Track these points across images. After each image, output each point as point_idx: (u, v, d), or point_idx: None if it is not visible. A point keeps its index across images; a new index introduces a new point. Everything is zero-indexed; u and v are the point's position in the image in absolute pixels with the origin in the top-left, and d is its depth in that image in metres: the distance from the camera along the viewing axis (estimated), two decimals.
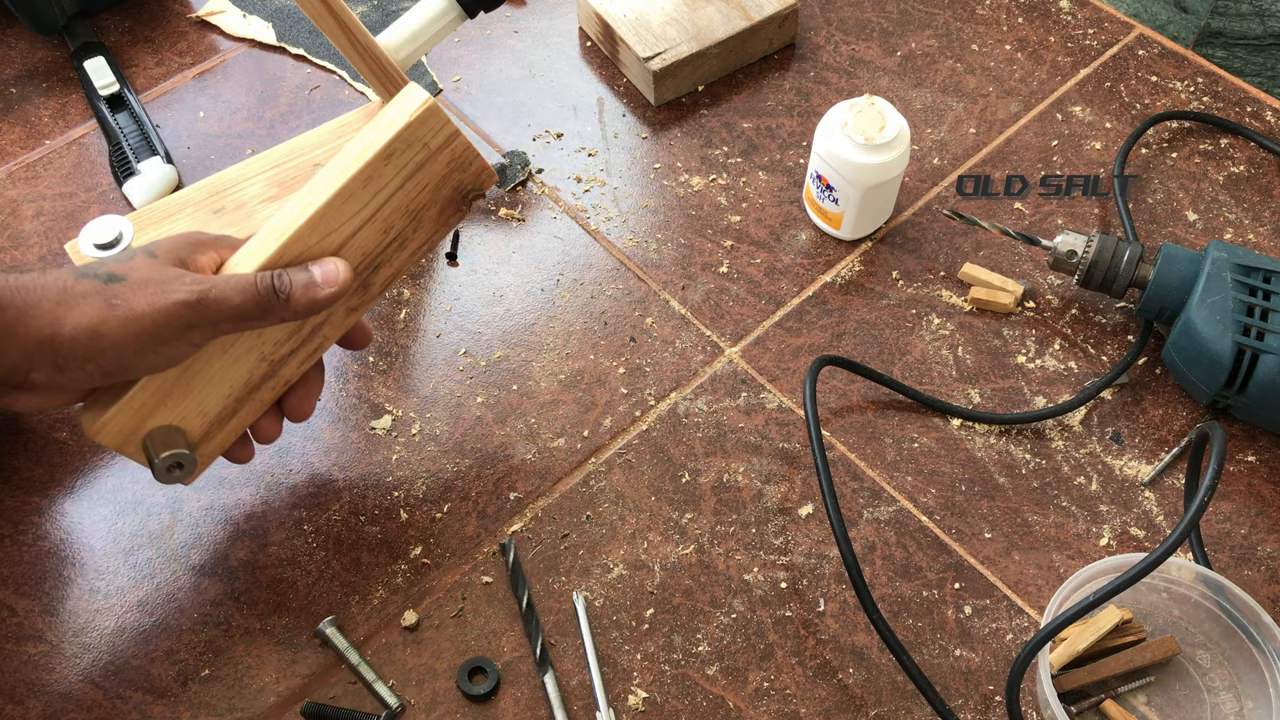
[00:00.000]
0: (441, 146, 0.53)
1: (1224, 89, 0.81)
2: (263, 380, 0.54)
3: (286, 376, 0.55)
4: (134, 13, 0.85)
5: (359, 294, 0.55)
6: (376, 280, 0.56)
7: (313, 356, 0.56)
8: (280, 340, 0.53)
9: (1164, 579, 0.58)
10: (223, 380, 0.52)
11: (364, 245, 0.53)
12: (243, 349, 0.52)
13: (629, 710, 0.55)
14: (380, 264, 0.55)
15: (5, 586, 0.59)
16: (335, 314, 0.55)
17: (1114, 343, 0.69)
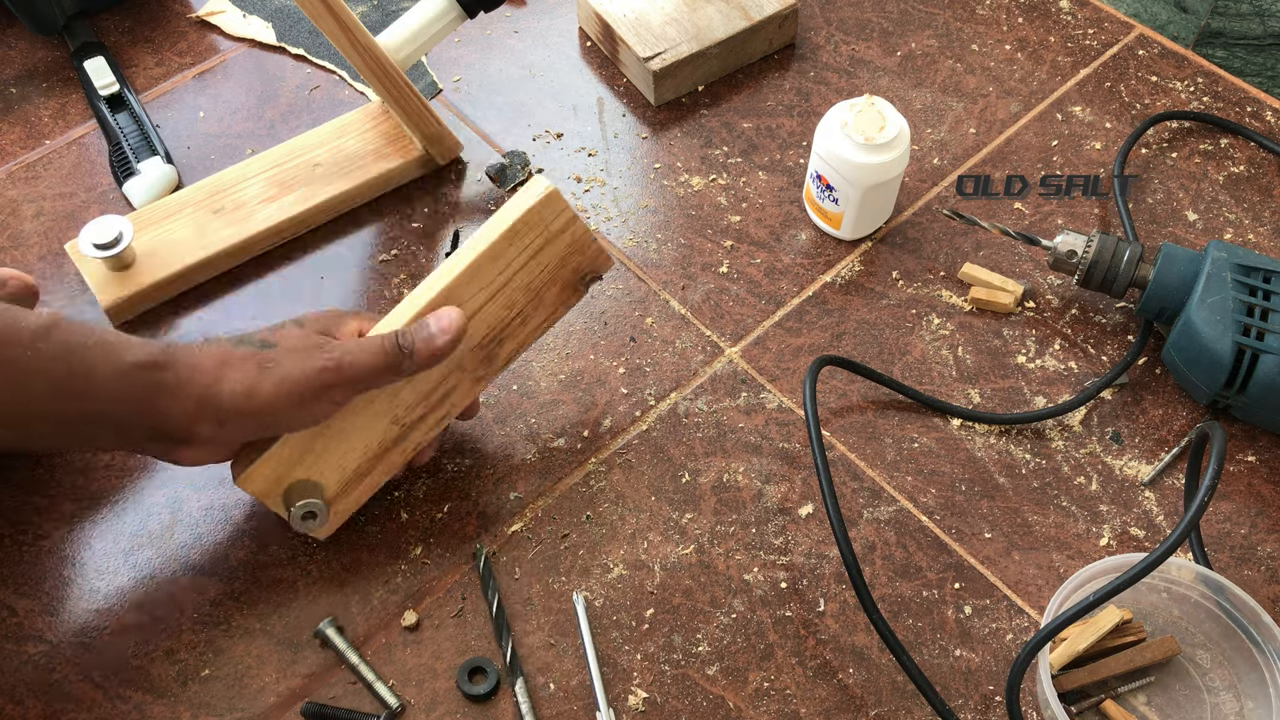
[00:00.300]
0: (561, 230, 0.57)
1: (1224, 89, 0.81)
2: (395, 442, 0.58)
3: (416, 440, 0.59)
4: (134, 13, 0.85)
5: (484, 365, 0.59)
6: (501, 353, 0.59)
7: (441, 423, 0.59)
8: (411, 404, 0.57)
9: (1164, 579, 0.58)
10: (358, 440, 0.56)
11: (489, 319, 0.57)
12: (377, 411, 0.56)
13: (629, 710, 0.55)
14: (504, 338, 0.59)
15: (5, 586, 0.59)
16: (463, 383, 0.58)
17: (1114, 343, 0.69)
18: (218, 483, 0.62)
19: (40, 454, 0.62)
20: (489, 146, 0.78)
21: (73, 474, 0.63)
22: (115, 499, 0.62)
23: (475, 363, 0.58)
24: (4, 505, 0.61)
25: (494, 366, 0.60)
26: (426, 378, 0.57)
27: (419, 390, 0.57)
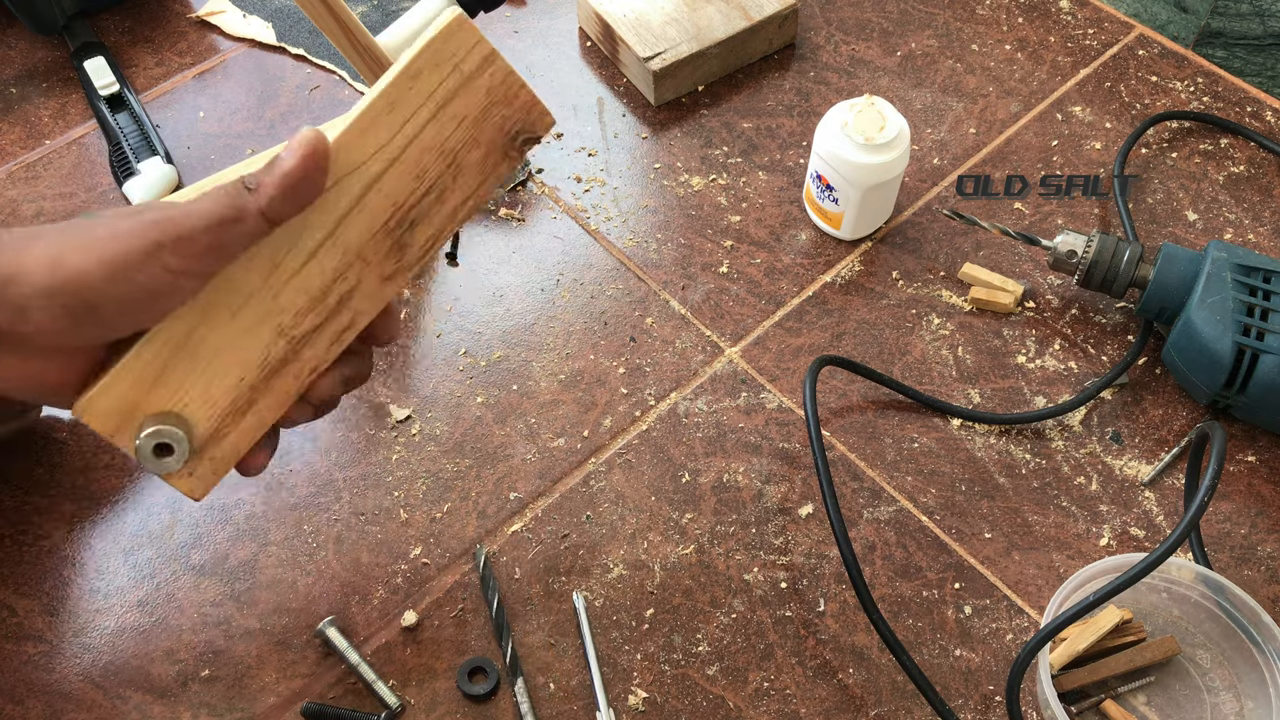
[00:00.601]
0: (476, 71, 0.45)
1: (1224, 89, 0.81)
2: (282, 364, 0.46)
3: (312, 362, 0.47)
4: (134, 13, 0.85)
5: (393, 257, 0.47)
6: (414, 241, 0.47)
7: (342, 337, 0.47)
8: (300, 309, 0.46)
9: (1164, 579, 0.58)
10: (232, 357, 0.45)
11: (393, 193, 0.46)
12: (254, 316, 0.45)
13: (629, 710, 0.55)
14: (416, 220, 0.47)
15: (5, 586, 0.59)
16: (367, 280, 0.47)
17: (1114, 343, 0.69)
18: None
19: None
20: None
21: (73, 474, 0.63)
22: (115, 499, 0.62)
23: (381, 254, 0.46)
24: (4, 505, 0.61)
25: (406, 259, 0.47)
26: (315, 272, 0.45)
27: (307, 288, 0.45)
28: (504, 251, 0.73)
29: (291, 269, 0.45)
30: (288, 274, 0.45)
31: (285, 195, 0.42)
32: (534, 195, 0.75)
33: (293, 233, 0.44)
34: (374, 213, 0.46)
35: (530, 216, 0.74)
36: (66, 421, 0.65)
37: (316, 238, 0.45)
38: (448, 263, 0.72)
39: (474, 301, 0.70)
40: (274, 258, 0.44)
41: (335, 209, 0.45)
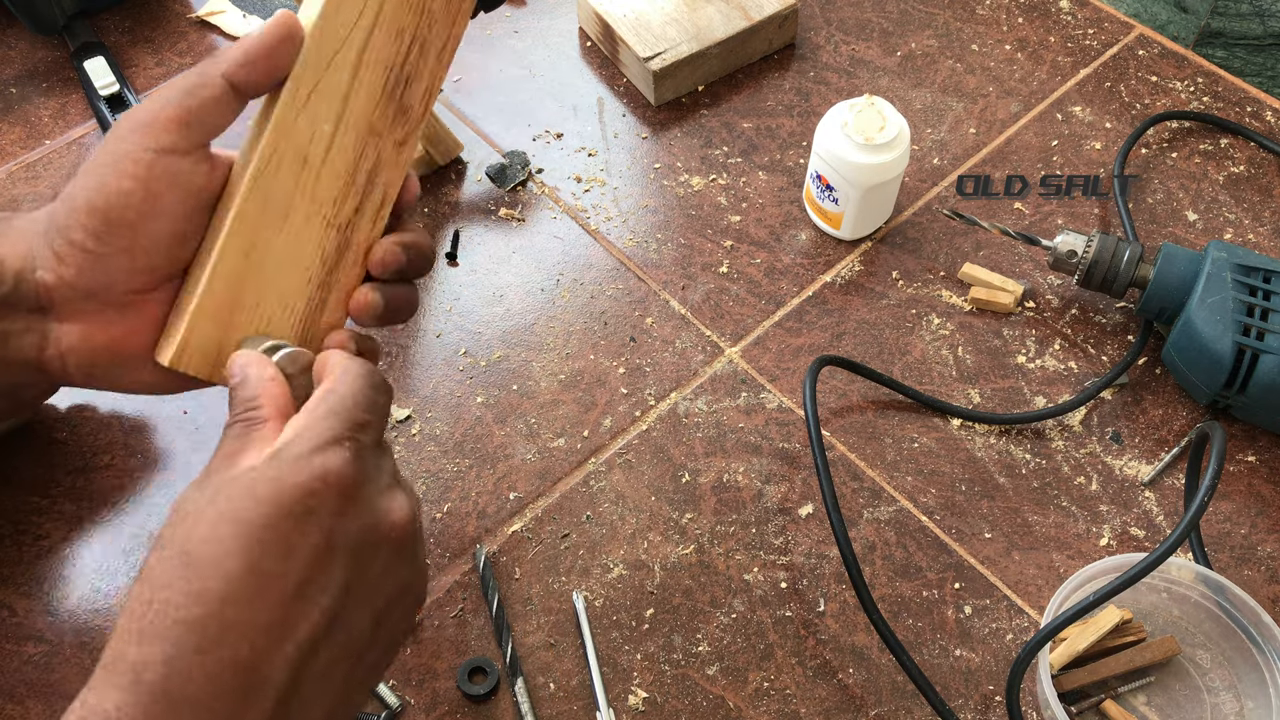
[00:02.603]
0: None
1: (1224, 89, 0.81)
2: (340, 253, 0.49)
3: (365, 243, 0.50)
4: (134, 13, 0.85)
5: (400, 122, 0.50)
6: (413, 100, 0.50)
7: (382, 210, 0.51)
8: (336, 196, 0.48)
9: (1164, 579, 0.58)
10: (294, 261, 0.48)
11: (382, 57, 0.48)
12: (300, 219, 0.47)
13: (629, 710, 0.55)
14: (409, 78, 0.49)
15: (5, 586, 0.59)
16: (385, 151, 0.50)
17: (1114, 343, 0.69)
18: None
19: None
20: (489, 146, 0.78)
21: (73, 474, 0.63)
22: (115, 499, 0.62)
23: (388, 121, 0.49)
24: (4, 505, 0.61)
25: (412, 119, 0.50)
26: (339, 157, 0.48)
27: (337, 175, 0.48)
28: (504, 251, 0.73)
29: (318, 161, 0.47)
30: (316, 166, 0.47)
31: (246, 60, 0.44)
32: (534, 195, 0.75)
33: (309, 126, 0.47)
34: (371, 83, 0.48)
35: (530, 216, 0.74)
36: (66, 421, 0.65)
37: (331, 123, 0.47)
38: (448, 262, 0.72)
39: (474, 301, 0.70)
40: (300, 153, 0.47)
41: (338, 90, 0.47)
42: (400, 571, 0.40)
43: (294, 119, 0.46)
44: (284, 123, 0.46)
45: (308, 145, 0.47)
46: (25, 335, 0.45)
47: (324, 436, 0.38)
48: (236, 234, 0.46)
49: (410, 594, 0.41)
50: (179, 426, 0.64)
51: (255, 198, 0.46)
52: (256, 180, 0.46)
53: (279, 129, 0.46)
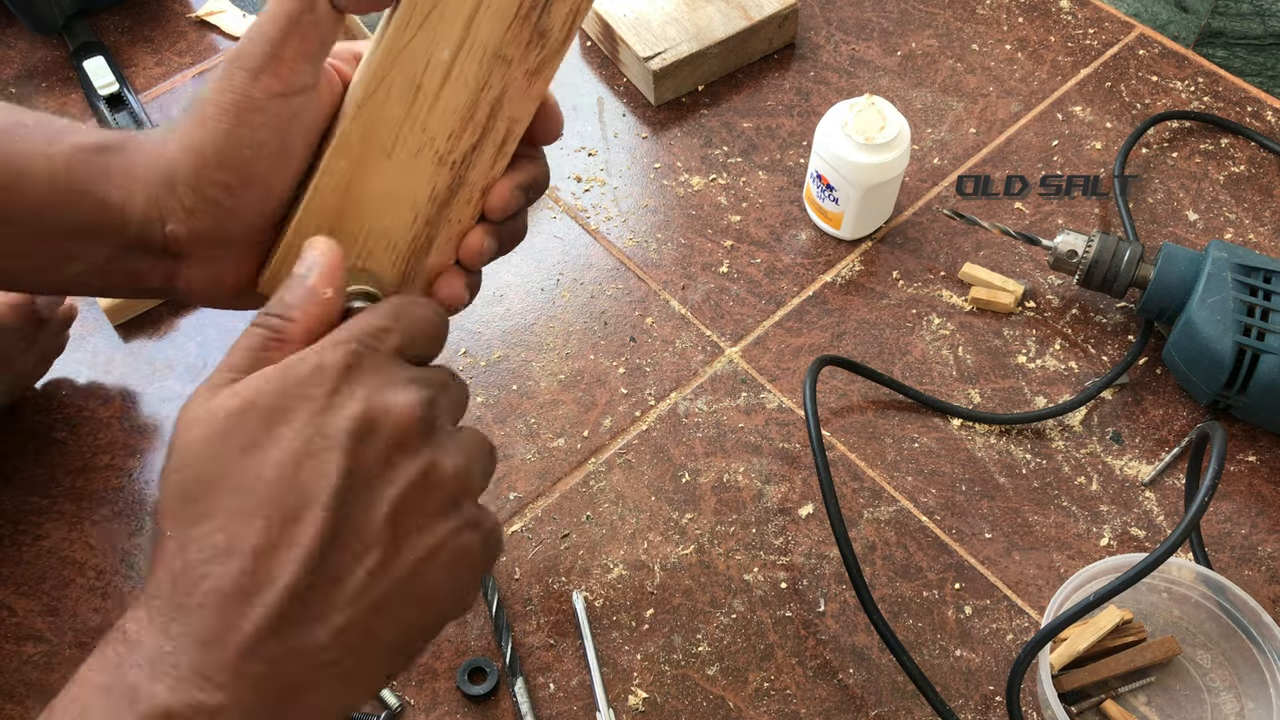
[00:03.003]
0: None
1: (1224, 89, 0.81)
2: (451, 192, 0.44)
3: (481, 182, 0.44)
4: (133, 12, 0.85)
5: (535, 47, 0.43)
6: (551, 23, 0.43)
7: (504, 150, 0.44)
8: (453, 131, 0.43)
9: (1164, 579, 0.58)
10: (399, 197, 0.43)
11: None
12: (409, 150, 0.42)
13: (629, 710, 0.55)
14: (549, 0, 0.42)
15: (5, 586, 0.59)
16: (514, 81, 0.43)
17: (1114, 343, 0.69)
18: None
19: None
20: None
21: (72, 474, 0.63)
22: (115, 499, 0.62)
23: (522, 47, 0.42)
24: (4, 505, 0.61)
25: (550, 45, 0.43)
26: (458, 87, 0.42)
27: (454, 107, 0.42)
28: None
29: (433, 89, 0.42)
30: (431, 95, 0.42)
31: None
32: None
33: (424, 50, 0.41)
34: (503, 3, 0.41)
35: (530, 216, 0.74)
36: (66, 421, 0.65)
37: (450, 47, 0.41)
38: None
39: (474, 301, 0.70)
40: (412, 80, 0.41)
41: (462, 10, 0.41)
42: (406, 466, 0.36)
43: (408, 41, 0.41)
44: (396, 44, 0.41)
45: (422, 72, 0.41)
46: (153, 272, 0.43)
47: (323, 342, 0.36)
48: (335, 165, 0.42)
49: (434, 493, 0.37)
50: None
51: (357, 127, 0.41)
52: (360, 108, 0.41)
53: (390, 51, 0.41)
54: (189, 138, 0.40)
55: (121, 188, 0.41)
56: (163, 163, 0.40)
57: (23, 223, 0.41)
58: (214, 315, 0.69)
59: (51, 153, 0.41)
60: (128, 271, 0.43)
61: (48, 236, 0.42)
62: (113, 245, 0.42)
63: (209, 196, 0.40)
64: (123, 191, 0.41)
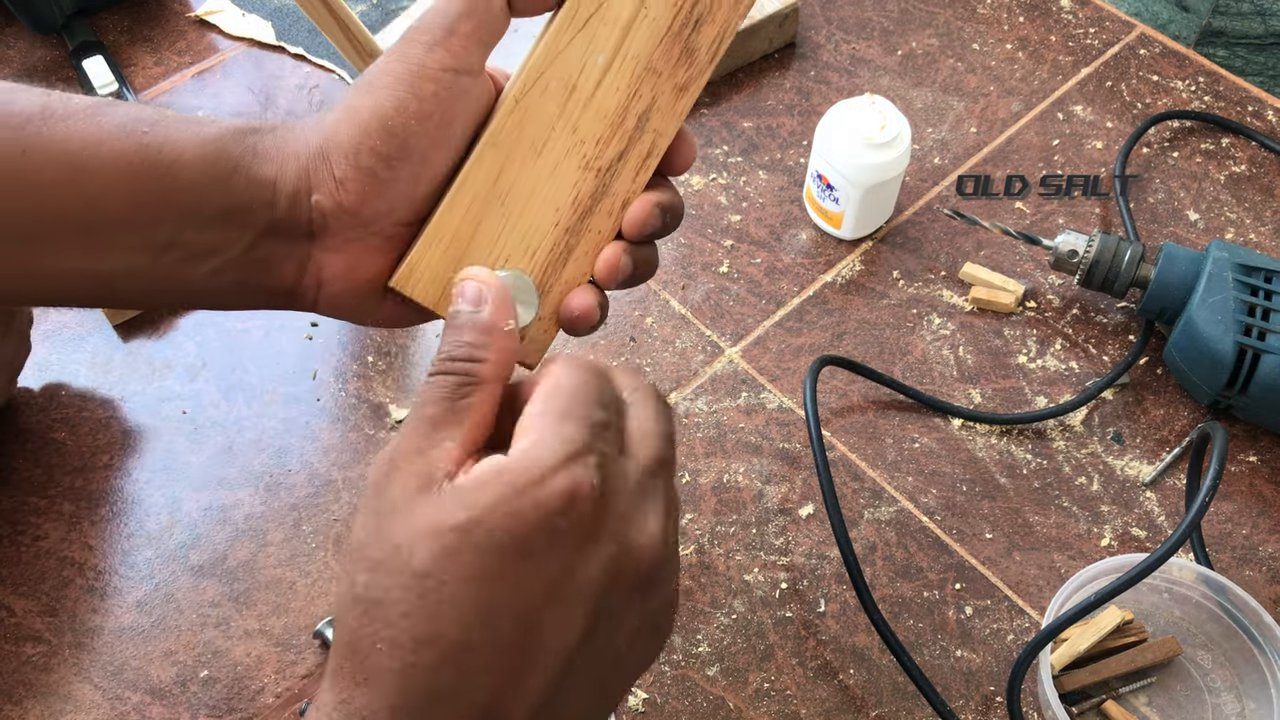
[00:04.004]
0: None
1: (1225, 88, 0.80)
2: (594, 200, 0.44)
3: (622, 194, 0.45)
4: (133, 12, 0.85)
5: (684, 64, 0.44)
6: (700, 43, 0.45)
7: (648, 162, 0.45)
8: (600, 136, 0.44)
9: (1165, 579, 0.58)
10: (544, 199, 0.43)
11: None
12: (558, 151, 0.43)
13: (629, 711, 0.55)
14: (700, 17, 0.44)
15: (3, 586, 0.59)
16: (663, 94, 0.44)
17: (1115, 342, 0.69)
18: (217, 483, 0.62)
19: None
20: None
21: (71, 474, 0.62)
22: (114, 499, 0.62)
23: (672, 61, 0.44)
24: (2, 505, 0.61)
25: (697, 65, 0.45)
26: (610, 93, 0.44)
27: (605, 111, 0.44)
28: None
29: (587, 91, 0.43)
30: (584, 97, 0.43)
31: None
32: None
33: (582, 52, 0.43)
34: (659, 17, 0.44)
35: None
36: (66, 422, 0.64)
37: (607, 54, 0.43)
38: None
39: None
40: (567, 80, 0.43)
41: (620, 18, 0.43)
42: (647, 604, 0.35)
43: (567, 42, 0.43)
44: (556, 45, 0.43)
45: (578, 74, 0.43)
46: (287, 262, 0.41)
47: (565, 448, 0.32)
48: (487, 156, 0.42)
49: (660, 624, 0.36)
50: (178, 426, 0.64)
51: (513, 120, 0.43)
52: (517, 102, 0.42)
53: (549, 50, 0.43)
54: (354, 108, 0.39)
55: (273, 161, 0.40)
56: (317, 137, 0.40)
57: (177, 208, 0.39)
58: (213, 316, 0.69)
59: (203, 135, 0.39)
60: (262, 261, 0.41)
61: (197, 223, 0.39)
62: (257, 228, 0.40)
63: (363, 165, 0.39)
64: (274, 165, 0.40)
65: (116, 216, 0.38)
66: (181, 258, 0.40)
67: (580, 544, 0.32)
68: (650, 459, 0.35)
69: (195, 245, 0.40)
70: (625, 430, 0.36)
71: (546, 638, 0.32)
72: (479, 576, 0.31)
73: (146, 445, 0.64)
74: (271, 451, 0.63)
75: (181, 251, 0.40)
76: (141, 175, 0.38)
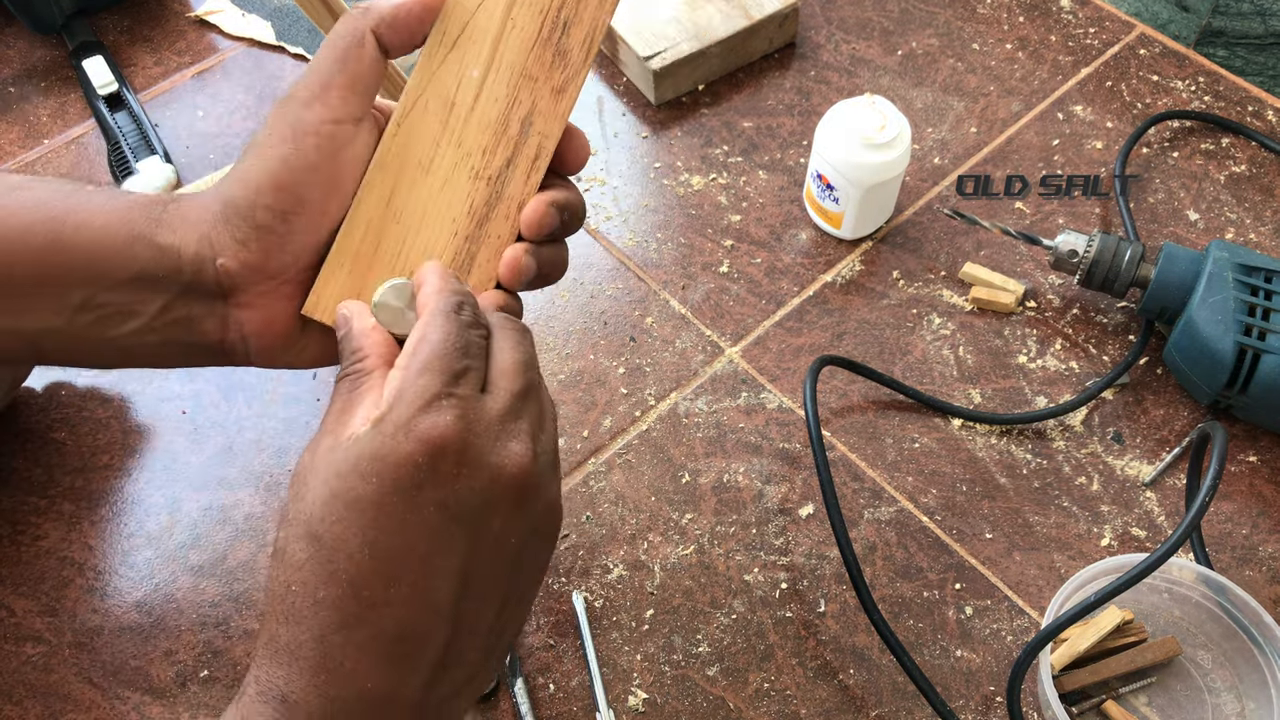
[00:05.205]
0: None
1: (1225, 88, 0.80)
2: (489, 207, 0.46)
3: (517, 198, 0.47)
4: (133, 12, 0.85)
5: (558, 66, 0.47)
6: (571, 45, 0.47)
7: (537, 164, 0.47)
8: (485, 145, 0.46)
9: (1165, 579, 0.58)
10: (439, 212, 0.46)
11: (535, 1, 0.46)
12: (446, 165, 0.46)
13: (629, 711, 0.55)
14: (568, 22, 0.46)
15: (3, 586, 0.59)
16: (541, 97, 0.47)
17: (1115, 342, 0.69)
18: (217, 483, 0.62)
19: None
20: None
21: (71, 474, 0.62)
22: (114, 499, 0.62)
23: (546, 66, 0.46)
24: (3, 505, 0.61)
25: (571, 65, 0.47)
26: (489, 104, 0.46)
27: (487, 122, 0.46)
28: None
29: (466, 105, 0.46)
30: (464, 111, 0.46)
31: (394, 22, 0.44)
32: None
33: (456, 69, 0.45)
34: (526, 26, 0.46)
35: None
36: (66, 422, 0.64)
37: (480, 67, 0.46)
38: None
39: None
40: (446, 98, 0.45)
41: (489, 32, 0.46)
42: (527, 516, 0.39)
43: (440, 62, 0.45)
44: (429, 66, 0.45)
45: (455, 90, 0.45)
46: (207, 320, 0.44)
47: (422, 397, 0.37)
48: (376, 179, 0.45)
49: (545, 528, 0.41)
50: (178, 426, 0.64)
51: (397, 143, 0.45)
52: (399, 125, 0.45)
53: (423, 72, 0.45)
54: (244, 171, 0.43)
55: (174, 230, 0.43)
56: (215, 205, 0.43)
57: (84, 274, 0.43)
58: None
59: (109, 207, 0.43)
60: (183, 321, 0.44)
61: (109, 287, 0.43)
62: (168, 292, 0.43)
63: (261, 223, 0.42)
64: (175, 234, 0.43)
65: (25, 280, 0.43)
66: (97, 319, 0.44)
67: (450, 477, 0.36)
68: (510, 391, 0.39)
69: (109, 307, 0.44)
70: (489, 369, 0.40)
71: (437, 561, 0.36)
72: (359, 517, 0.36)
73: (146, 445, 0.64)
74: (271, 451, 0.63)
75: (96, 313, 0.44)
76: (47, 244, 0.43)
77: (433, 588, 0.37)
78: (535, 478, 0.39)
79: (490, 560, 0.38)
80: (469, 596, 0.37)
